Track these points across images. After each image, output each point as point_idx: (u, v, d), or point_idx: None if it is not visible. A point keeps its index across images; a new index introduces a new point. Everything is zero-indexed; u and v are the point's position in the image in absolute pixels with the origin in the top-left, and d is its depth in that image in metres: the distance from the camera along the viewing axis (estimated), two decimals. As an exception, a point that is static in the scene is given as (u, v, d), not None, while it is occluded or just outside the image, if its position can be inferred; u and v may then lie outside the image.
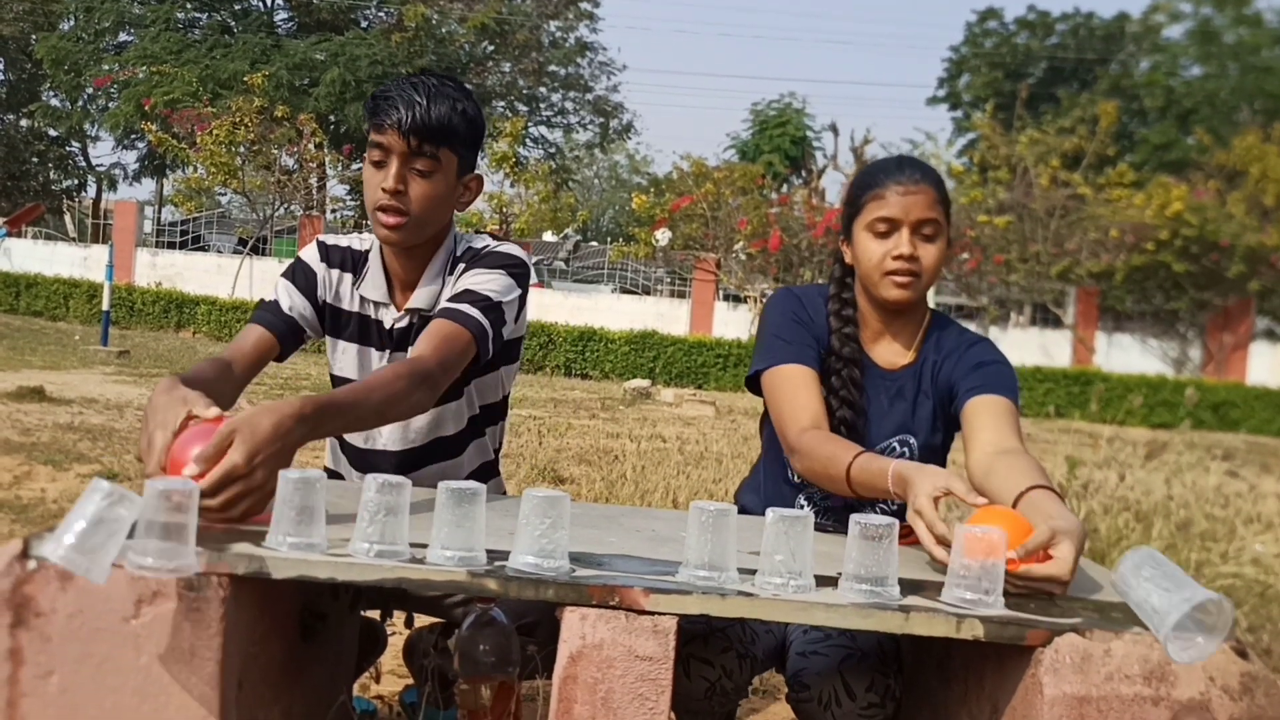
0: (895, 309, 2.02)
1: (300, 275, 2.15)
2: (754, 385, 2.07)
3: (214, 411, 1.61)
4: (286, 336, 2.08)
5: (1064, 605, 1.49)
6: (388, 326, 2.13)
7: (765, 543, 1.46)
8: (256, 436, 1.54)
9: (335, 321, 2.15)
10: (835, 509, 2.04)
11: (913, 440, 2.02)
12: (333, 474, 2.30)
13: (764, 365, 2.02)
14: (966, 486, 1.64)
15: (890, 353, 2.06)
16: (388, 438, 2.17)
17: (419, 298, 2.11)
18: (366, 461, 2.20)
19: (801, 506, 2.06)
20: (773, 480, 2.13)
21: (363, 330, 2.15)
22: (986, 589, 1.42)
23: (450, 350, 1.94)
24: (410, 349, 2.09)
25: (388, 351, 2.14)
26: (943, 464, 2.07)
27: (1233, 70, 34.39)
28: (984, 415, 1.91)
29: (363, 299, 2.14)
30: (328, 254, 2.17)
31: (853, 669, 1.74)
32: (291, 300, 2.11)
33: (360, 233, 2.26)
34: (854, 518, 1.46)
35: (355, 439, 2.20)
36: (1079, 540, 1.55)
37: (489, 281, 2.05)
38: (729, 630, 1.79)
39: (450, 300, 2.03)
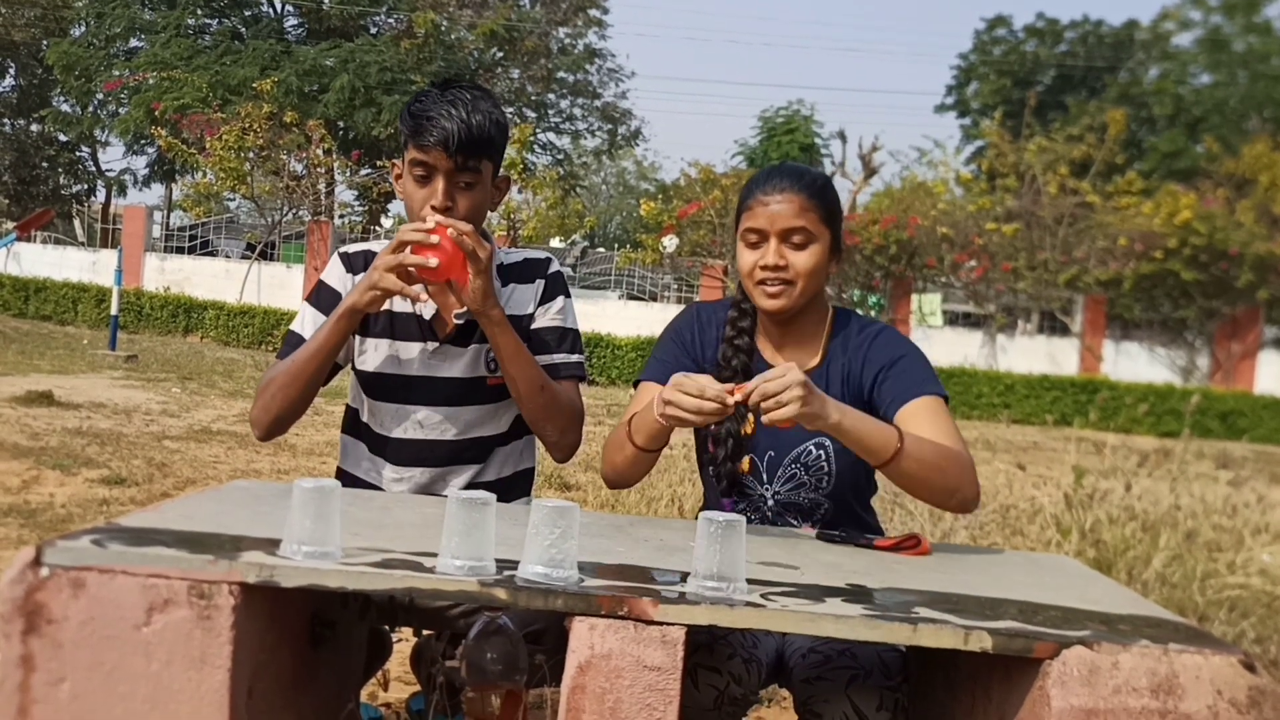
0: (779, 318, 2.05)
1: (324, 298, 2.18)
2: None
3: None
4: None
5: (1072, 618, 1.49)
6: (428, 317, 2.16)
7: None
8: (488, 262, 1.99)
9: (364, 321, 2.16)
10: (773, 520, 2.07)
11: (828, 442, 2.01)
12: (345, 475, 2.30)
13: (641, 376, 2.13)
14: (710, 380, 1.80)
15: (795, 358, 2.07)
16: (428, 429, 2.19)
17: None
18: (401, 452, 2.20)
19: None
20: (711, 501, 2.18)
21: (393, 326, 2.17)
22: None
23: (580, 401, 2.23)
24: (473, 348, 2.16)
25: (435, 344, 2.17)
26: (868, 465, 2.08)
27: (1242, 78, 34.35)
28: (918, 423, 1.92)
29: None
30: (350, 262, 2.21)
31: (859, 689, 1.73)
32: (316, 327, 2.13)
33: (376, 239, 2.29)
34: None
35: (393, 429, 2.20)
36: (811, 387, 1.75)
37: (571, 312, 2.25)
38: (731, 637, 1.80)
39: (558, 345, 2.21)
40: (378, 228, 24.36)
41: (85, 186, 32.56)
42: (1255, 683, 1.36)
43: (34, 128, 30.77)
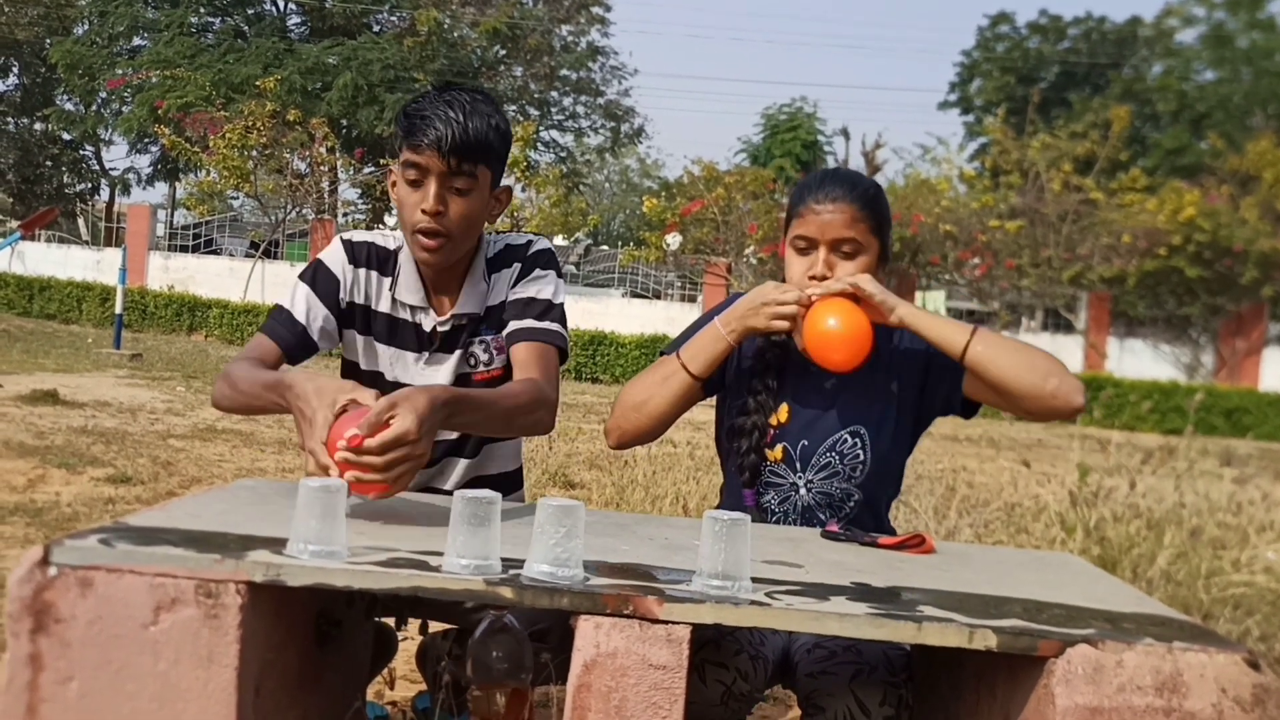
0: None
1: (321, 280, 2.11)
2: None
3: (372, 394, 1.70)
4: (295, 351, 2.06)
5: (1077, 617, 1.50)
6: (427, 330, 2.13)
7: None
8: (419, 408, 1.65)
9: (365, 320, 2.14)
10: (795, 512, 2.07)
11: (864, 431, 2.04)
12: None
13: (667, 349, 2.13)
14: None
15: None
16: None
17: (464, 303, 2.12)
18: None
19: (766, 509, 2.09)
20: (732, 491, 2.18)
21: (394, 332, 2.14)
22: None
23: (555, 370, 2.07)
24: (459, 352, 2.12)
25: (426, 354, 2.14)
26: (908, 448, 2.12)
27: (1246, 75, 34.30)
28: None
29: (396, 302, 2.13)
30: (354, 253, 2.14)
31: (863, 684, 1.74)
32: (310, 309, 2.08)
33: (381, 229, 2.26)
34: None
35: None
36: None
37: (548, 286, 2.13)
38: (739, 633, 1.80)
39: (524, 312, 2.09)
40: (381, 226, 24.37)
41: (89, 185, 32.60)
42: (1260, 680, 1.36)
43: (38, 126, 30.80)
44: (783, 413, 2.06)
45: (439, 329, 2.13)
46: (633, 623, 1.38)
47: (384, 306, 2.14)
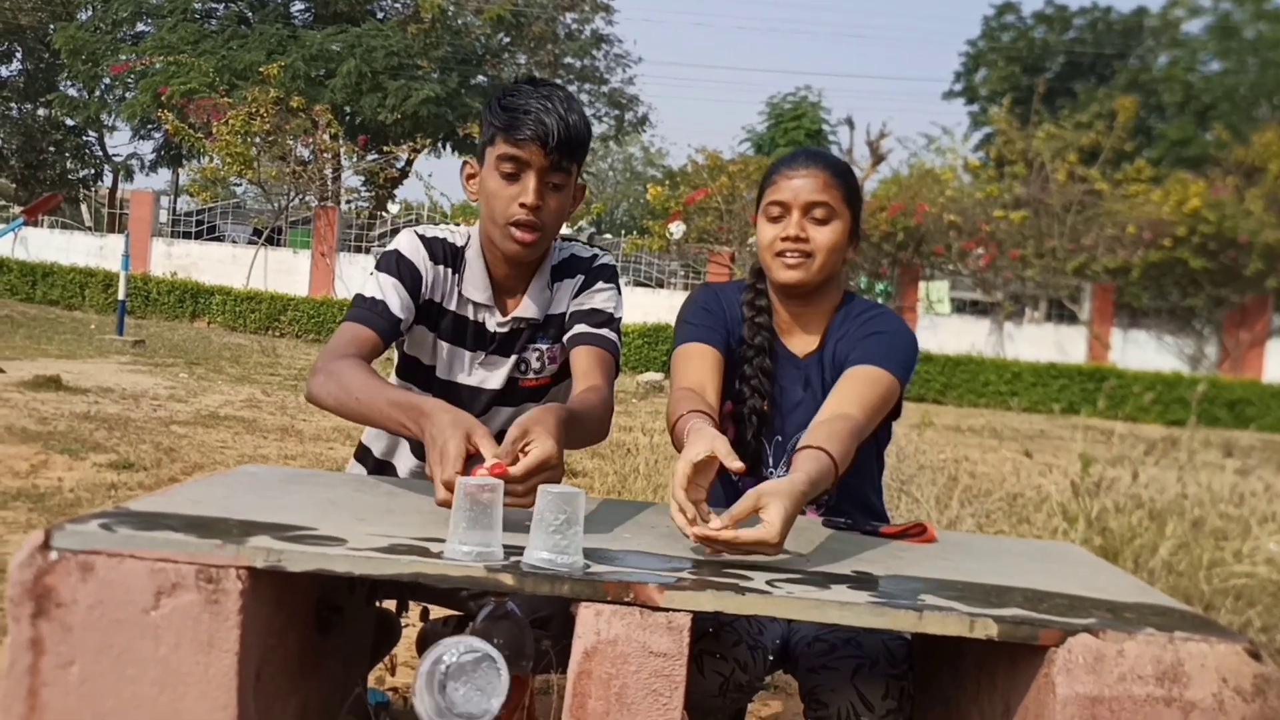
0: (795, 293, 2.05)
1: (408, 274, 2.08)
2: None
3: (494, 446, 1.65)
4: (390, 341, 2.05)
5: (1078, 606, 1.49)
6: (491, 330, 2.13)
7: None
8: (552, 430, 1.66)
9: (436, 317, 2.13)
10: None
11: None
12: (366, 452, 2.31)
13: (672, 349, 2.08)
14: (728, 450, 1.64)
15: (802, 341, 2.09)
16: None
17: (527, 306, 2.12)
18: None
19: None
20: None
21: (457, 330, 2.14)
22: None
23: (612, 377, 2.08)
24: (513, 356, 2.13)
25: (482, 354, 2.14)
26: (872, 438, 2.01)
27: (1252, 66, 34.19)
28: (842, 383, 1.93)
29: (463, 299, 2.12)
30: (431, 249, 2.11)
31: (865, 678, 1.73)
32: (402, 302, 2.05)
33: (446, 225, 2.24)
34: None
35: None
36: (790, 499, 1.57)
37: (609, 299, 2.16)
38: (737, 623, 1.80)
39: (586, 320, 2.11)
40: (384, 213, 24.35)
41: (92, 171, 32.59)
42: (1260, 671, 1.36)
43: (41, 112, 30.79)
44: (765, 404, 2.06)
45: (500, 330, 2.13)
46: (633, 610, 1.38)
47: (453, 304, 2.13)
